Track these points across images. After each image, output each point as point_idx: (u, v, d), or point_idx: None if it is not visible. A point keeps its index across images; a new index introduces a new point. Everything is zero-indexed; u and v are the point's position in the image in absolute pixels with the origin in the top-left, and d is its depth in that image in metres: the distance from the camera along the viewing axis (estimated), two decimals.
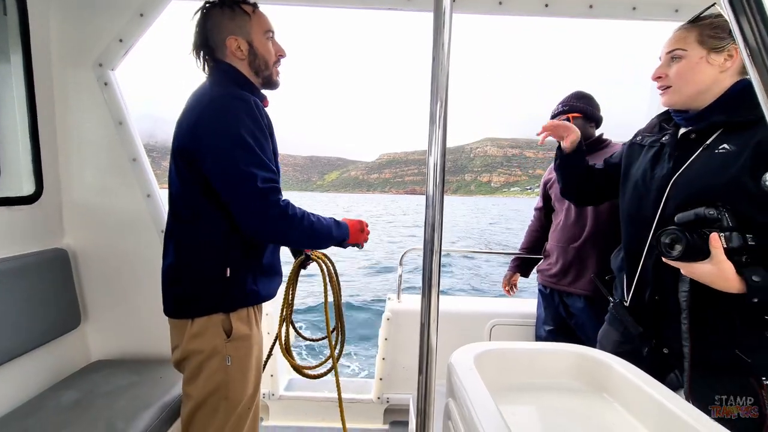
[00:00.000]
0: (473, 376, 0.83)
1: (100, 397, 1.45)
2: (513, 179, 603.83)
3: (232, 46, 1.17)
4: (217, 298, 1.14)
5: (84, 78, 1.71)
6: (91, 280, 1.81)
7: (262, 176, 1.06)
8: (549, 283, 1.89)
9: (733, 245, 0.91)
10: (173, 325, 1.20)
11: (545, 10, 1.76)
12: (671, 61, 1.10)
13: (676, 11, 1.75)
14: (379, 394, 2.22)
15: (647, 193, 1.14)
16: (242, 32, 1.17)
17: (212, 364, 1.13)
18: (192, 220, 1.15)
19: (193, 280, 1.14)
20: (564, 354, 0.99)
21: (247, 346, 1.18)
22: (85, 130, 1.75)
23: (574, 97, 1.82)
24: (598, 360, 0.95)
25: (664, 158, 1.13)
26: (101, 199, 1.79)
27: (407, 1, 1.68)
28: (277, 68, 1.26)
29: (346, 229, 1.28)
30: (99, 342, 1.84)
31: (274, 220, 1.08)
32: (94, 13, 1.68)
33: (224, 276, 1.14)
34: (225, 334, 1.14)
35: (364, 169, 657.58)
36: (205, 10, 1.18)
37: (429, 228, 0.68)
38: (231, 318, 1.15)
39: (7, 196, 1.52)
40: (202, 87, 1.17)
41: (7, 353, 1.41)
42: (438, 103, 0.64)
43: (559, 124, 1.42)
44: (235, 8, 1.17)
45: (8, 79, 1.57)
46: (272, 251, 1.29)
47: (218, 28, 1.17)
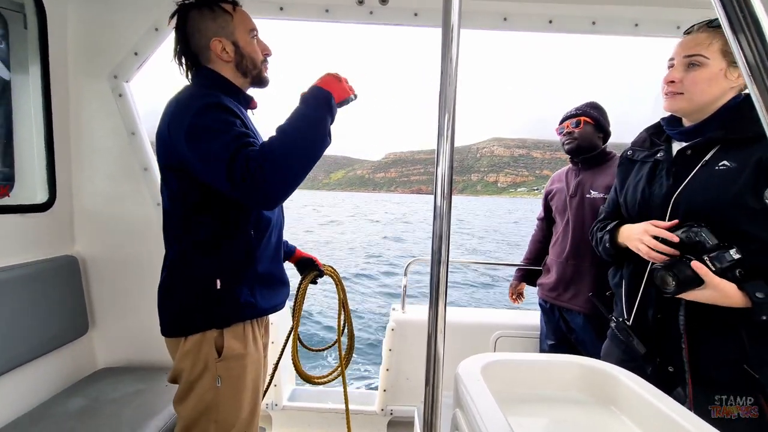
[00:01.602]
0: (481, 386, 0.84)
1: (106, 405, 1.46)
2: (520, 180, 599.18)
3: (217, 49, 1.10)
4: (208, 312, 1.06)
5: (99, 89, 1.76)
6: (100, 287, 1.83)
7: (228, 150, 0.93)
8: (549, 297, 1.88)
9: (721, 266, 0.92)
10: (167, 343, 1.13)
11: (549, 26, 1.79)
12: (689, 66, 1.03)
13: (678, 28, 1.78)
14: (383, 405, 2.20)
15: (648, 211, 1.12)
16: (226, 33, 1.10)
17: (202, 384, 1.06)
18: (179, 233, 1.10)
19: (183, 296, 1.08)
20: (571, 366, 1.00)
21: (240, 366, 1.10)
22: (98, 140, 1.80)
23: (589, 105, 1.83)
24: (606, 372, 0.95)
25: (662, 175, 1.11)
26: (112, 208, 1.82)
27: (415, 17, 1.72)
28: (266, 66, 1.20)
29: (320, 93, 1.04)
30: (105, 349, 1.85)
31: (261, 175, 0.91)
32: (111, 27, 1.74)
33: (214, 288, 1.06)
34: (216, 353, 1.06)
35: (369, 168, 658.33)
36: (183, 13, 1.11)
37: (437, 238, 0.68)
38: (225, 335, 1.07)
39: (22, 204, 1.55)
40: (175, 97, 1.09)
41: (17, 359, 1.42)
42: (446, 116, 0.65)
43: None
44: (215, 8, 1.10)
45: (26, 90, 1.62)
46: (272, 258, 1.20)
47: (200, 31, 1.10)
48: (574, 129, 1.79)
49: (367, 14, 1.74)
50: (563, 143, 1.84)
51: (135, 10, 1.72)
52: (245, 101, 1.19)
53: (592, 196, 1.73)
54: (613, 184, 1.67)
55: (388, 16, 1.74)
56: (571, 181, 1.84)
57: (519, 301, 2.28)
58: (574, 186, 1.80)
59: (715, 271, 0.93)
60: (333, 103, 1.04)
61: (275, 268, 1.23)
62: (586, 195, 1.75)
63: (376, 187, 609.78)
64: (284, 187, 0.96)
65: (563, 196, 1.85)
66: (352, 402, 2.26)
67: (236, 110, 1.04)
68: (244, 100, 1.19)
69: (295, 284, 1.45)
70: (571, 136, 1.79)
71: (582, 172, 1.82)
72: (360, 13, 1.73)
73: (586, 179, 1.78)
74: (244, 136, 0.97)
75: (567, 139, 1.81)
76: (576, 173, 1.84)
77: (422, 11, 1.73)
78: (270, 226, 1.19)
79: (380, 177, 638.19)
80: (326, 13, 1.73)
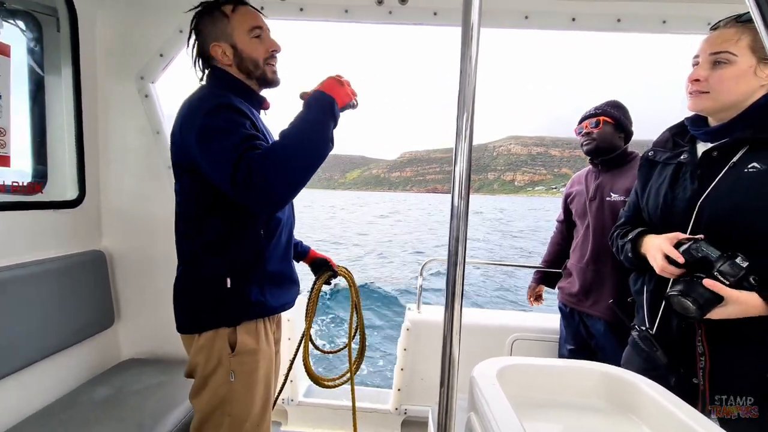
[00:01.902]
0: (496, 391, 0.83)
1: (130, 395, 1.51)
2: (538, 178, 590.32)
3: (217, 53, 1.12)
4: (218, 311, 1.09)
5: (126, 90, 1.82)
6: (125, 281, 1.90)
7: (235, 154, 0.92)
8: (569, 302, 1.84)
9: (735, 277, 0.90)
10: (183, 338, 1.17)
11: (572, 24, 1.76)
12: (715, 64, 0.99)
13: (709, 24, 1.71)
14: (397, 404, 2.21)
15: (671, 216, 1.08)
16: (224, 36, 1.11)
17: (216, 378, 1.09)
18: (190, 233, 1.12)
19: (195, 294, 1.11)
20: (590, 372, 0.98)
21: (253, 361, 1.12)
22: (125, 139, 1.86)
23: (610, 104, 1.77)
24: (626, 380, 0.93)
25: (685, 178, 1.06)
26: (137, 204, 1.88)
27: (435, 17, 1.71)
28: (272, 65, 1.17)
29: (323, 98, 1.02)
30: (130, 341, 1.92)
31: (262, 179, 0.91)
32: (138, 30, 1.79)
33: (224, 287, 1.08)
34: (230, 348, 1.09)
35: (385, 167, 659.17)
36: (196, 19, 1.14)
37: (453, 239, 0.68)
38: (237, 330, 1.10)
39: (54, 200, 1.62)
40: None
41: (49, 348, 1.49)
42: (465, 115, 0.65)
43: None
44: (215, 13, 1.11)
45: (59, 91, 1.69)
46: (281, 257, 1.21)
47: (203, 37, 1.13)
48: (593, 129, 1.73)
49: (386, 14, 1.74)
50: (582, 144, 1.79)
51: (160, 13, 1.77)
52: (257, 102, 1.20)
53: (612, 199, 1.68)
54: (633, 186, 1.62)
55: (408, 16, 1.74)
56: (590, 184, 1.79)
57: (538, 303, 2.25)
58: (594, 189, 1.75)
59: (730, 284, 0.90)
60: (336, 109, 1.03)
61: (285, 267, 1.24)
62: (606, 198, 1.70)
63: (391, 187, 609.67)
64: (285, 190, 0.96)
65: (583, 199, 1.80)
66: (367, 400, 2.28)
67: (247, 111, 1.05)
68: (256, 101, 1.19)
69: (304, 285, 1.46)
70: (590, 137, 1.74)
71: (602, 174, 1.76)
72: (379, 13, 1.74)
73: (606, 182, 1.73)
74: (252, 138, 0.97)
75: (586, 139, 1.76)
76: (596, 175, 1.79)
77: (441, 10, 1.72)
78: (280, 226, 1.20)
79: (396, 176, 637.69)
80: (345, 13, 1.74)
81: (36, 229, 1.52)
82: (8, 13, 1.54)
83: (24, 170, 1.62)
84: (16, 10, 1.58)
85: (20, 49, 1.60)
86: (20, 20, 1.60)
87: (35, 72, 1.66)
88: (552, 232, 2.15)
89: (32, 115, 1.65)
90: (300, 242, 1.53)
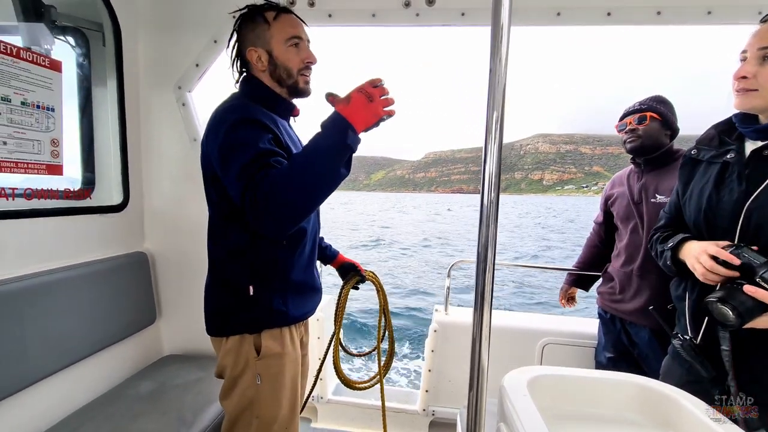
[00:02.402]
0: (527, 402, 0.82)
1: (171, 390, 1.60)
2: (567, 177, 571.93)
3: (253, 58, 1.13)
4: (241, 318, 1.11)
5: (165, 99, 1.91)
6: (166, 280, 2.00)
7: (252, 172, 0.92)
8: (610, 308, 1.76)
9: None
10: (212, 340, 1.20)
11: (608, 19, 1.69)
12: (764, 60, 0.94)
13: (760, 13, 1.60)
14: (425, 406, 2.21)
15: (715, 219, 1.03)
16: (262, 42, 1.12)
17: (244, 380, 1.12)
18: (217, 240, 1.15)
19: (219, 299, 1.15)
20: (626, 385, 0.95)
21: (279, 364, 1.14)
22: (165, 146, 1.95)
23: (655, 99, 1.67)
24: (664, 394, 0.90)
25: (732, 179, 1.01)
26: (176, 208, 1.98)
27: (462, 17, 1.69)
28: (306, 76, 1.17)
29: (340, 123, 0.93)
30: (171, 337, 2.02)
31: (268, 200, 0.89)
32: (176, 41, 1.88)
33: (247, 295, 1.10)
34: (255, 352, 1.11)
35: (409, 168, 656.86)
36: (238, 23, 1.16)
37: (483, 241, 0.67)
38: (262, 336, 1.12)
39: (101, 205, 1.73)
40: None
41: (98, 344, 1.60)
42: (495, 113, 0.64)
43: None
44: (256, 18, 1.12)
45: (105, 102, 1.79)
46: (305, 267, 1.22)
47: (242, 41, 1.16)
48: (637, 126, 1.64)
49: (413, 16, 1.74)
50: (625, 141, 1.69)
51: (196, 24, 1.85)
52: (287, 110, 1.20)
53: (657, 200, 1.59)
54: (675, 186, 1.54)
55: (435, 17, 1.73)
56: (634, 185, 1.70)
57: (570, 305, 2.19)
58: (638, 190, 1.67)
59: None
60: (352, 137, 0.93)
61: (308, 276, 1.24)
62: (651, 200, 1.61)
63: (416, 187, 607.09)
64: (285, 220, 0.93)
65: (626, 201, 1.72)
66: (395, 400, 2.30)
67: (271, 125, 1.04)
68: (286, 109, 1.20)
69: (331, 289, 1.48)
70: (635, 134, 1.64)
71: (645, 174, 1.67)
72: (407, 15, 1.73)
73: (650, 182, 1.64)
74: (266, 155, 0.94)
75: (630, 137, 1.66)
76: (639, 176, 1.70)
77: (469, 11, 1.69)
78: (305, 236, 1.20)
79: (420, 177, 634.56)
80: (373, 17, 1.75)
81: (85, 233, 1.63)
82: (59, 30, 1.65)
83: (75, 177, 1.74)
84: (66, 27, 1.68)
85: (70, 64, 1.72)
86: (70, 36, 1.71)
87: (84, 84, 1.77)
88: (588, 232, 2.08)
89: (81, 126, 1.76)
90: (329, 246, 1.55)
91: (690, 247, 1.06)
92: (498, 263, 0.78)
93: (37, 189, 1.45)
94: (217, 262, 1.17)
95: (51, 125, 1.46)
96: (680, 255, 1.10)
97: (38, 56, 1.41)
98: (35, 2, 1.53)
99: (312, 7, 1.76)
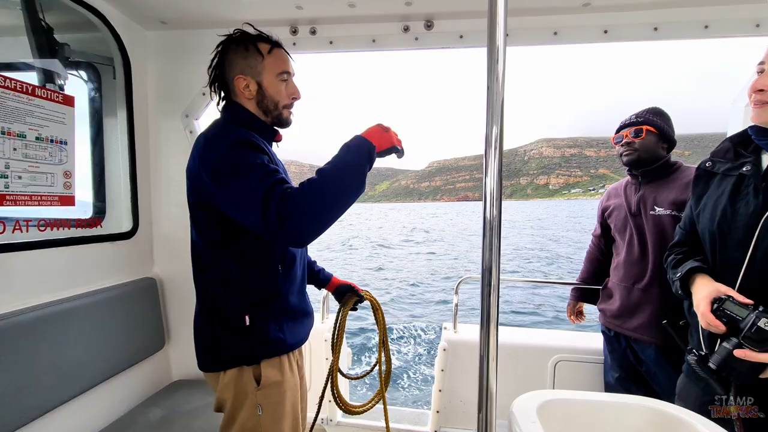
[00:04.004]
0: (536, 430, 0.81)
1: (180, 416, 1.60)
2: (573, 180, 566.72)
3: (240, 86, 1.14)
4: (239, 350, 1.09)
5: (173, 127, 1.96)
6: (174, 305, 2.02)
7: (260, 189, 0.94)
8: (613, 325, 1.72)
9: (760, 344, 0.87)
10: (207, 376, 1.17)
11: (605, 36, 1.71)
12: None
13: (758, 26, 1.62)
14: (436, 427, 2.17)
15: (729, 233, 1.02)
16: (252, 72, 1.14)
17: (244, 412, 1.09)
18: (208, 270, 1.11)
19: (214, 332, 1.11)
20: (638, 409, 0.93)
21: (279, 393, 1.12)
22: (173, 173, 2.00)
23: (651, 111, 1.67)
24: (679, 419, 0.88)
25: (749, 192, 1.00)
26: (184, 233, 2.00)
27: (461, 39, 1.73)
28: (289, 109, 1.21)
29: (363, 143, 1.04)
30: (179, 363, 2.02)
31: (295, 212, 0.92)
32: (182, 71, 1.94)
33: (243, 325, 1.08)
34: (255, 382, 1.10)
35: (414, 177, 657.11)
36: (223, 46, 1.16)
37: (487, 257, 0.66)
38: (261, 365, 1.11)
39: (111, 233, 1.76)
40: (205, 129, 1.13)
41: (107, 371, 1.61)
42: (494, 129, 0.65)
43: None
44: (250, 47, 1.13)
45: (115, 132, 1.85)
46: (298, 292, 1.22)
47: (229, 65, 1.15)
48: (634, 139, 1.63)
49: (412, 40, 1.78)
50: (621, 154, 1.69)
51: (202, 54, 1.91)
52: (271, 135, 1.21)
53: (656, 212, 1.57)
54: (679, 199, 1.52)
55: (434, 41, 1.77)
56: (631, 197, 1.69)
57: (580, 320, 2.15)
58: (636, 202, 1.65)
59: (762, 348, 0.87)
60: (373, 154, 1.04)
61: (301, 300, 1.24)
62: (650, 212, 1.59)
63: (421, 197, 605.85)
64: (318, 227, 0.96)
65: (623, 214, 1.71)
66: (405, 421, 2.26)
67: (263, 146, 1.06)
68: (270, 134, 1.21)
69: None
70: (631, 147, 1.64)
71: (643, 186, 1.66)
72: (406, 40, 1.78)
73: (649, 194, 1.62)
74: (275, 173, 0.98)
75: (626, 150, 1.65)
76: (636, 188, 1.69)
77: (467, 33, 1.73)
78: (296, 260, 1.20)
79: (425, 186, 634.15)
80: (373, 42, 1.80)
81: (96, 261, 1.66)
82: (72, 65, 1.72)
83: (86, 206, 1.78)
84: (79, 62, 1.75)
85: (83, 97, 1.78)
86: (83, 71, 1.78)
87: (96, 116, 1.83)
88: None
89: (93, 156, 1.81)
90: (322, 269, 1.54)
91: (696, 288, 1.07)
92: (504, 279, 0.76)
93: (49, 219, 1.49)
94: (207, 292, 1.13)
95: (64, 158, 1.51)
96: (690, 287, 1.10)
97: (52, 92, 1.47)
98: (50, 40, 1.60)
99: (314, 35, 1.81)
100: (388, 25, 1.78)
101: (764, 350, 0.86)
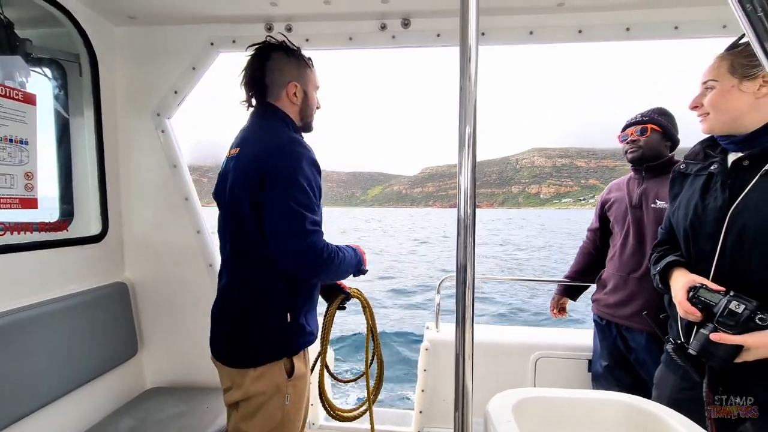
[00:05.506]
0: (511, 429, 0.80)
1: (153, 426, 1.54)
2: (564, 190, 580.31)
3: (291, 91, 1.25)
4: (281, 345, 1.17)
5: (144, 126, 1.89)
6: (147, 310, 1.95)
7: (311, 219, 1.10)
8: (605, 314, 1.77)
9: (735, 326, 0.91)
10: (229, 371, 1.18)
11: (579, 36, 1.73)
12: (706, 90, 1.11)
13: (725, 27, 1.66)
14: (419, 427, 2.16)
15: (701, 226, 1.08)
16: (302, 81, 1.27)
17: (273, 403, 1.16)
18: (256, 267, 1.16)
19: (264, 328, 1.16)
20: (613, 404, 0.93)
21: (303, 384, 1.23)
22: (144, 173, 1.93)
23: (656, 111, 1.72)
24: (652, 413, 0.88)
25: (716, 188, 1.07)
26: (156, 236, 1.95)
27: (438, 38, 1.72)
28: (313, 117, 1.36)
29: (361, 256, 1.32)
30: (153, 369, 1.96)
31: (315, 261, 1.10)
32: (153, 69, 1.88)
33: (285, 322, 1.17)
34: (287, 374, 1.17)
35: (406, 183, 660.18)
36: (267, 51, 1.24)
37: (461, 256, 0.66)
38: (293, 358, 1.19)
39: (79, 237, 1.69)
40: (261, 128, 1.21)
41: (77, 380, 1.54)
42: (467, 128, 0.65)
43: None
44: (300, 58, 1.28)
45: (82, 132, 1.77)
46: (317, 287, 1.32)
47: (281, 71, 1.24)
48: (639, 137, 1.69)
49: (389, 39, 1.77)
50: (626, 151, 1.75)
51: (174, 51, 1.85)
52: None
53: (657, 205, 1.62)
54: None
55: (411, 39, 1.76)
56: (633, 191, 1.73)
57: (562, 315, 2.18)
58: (638, 195, 1.70)
59: (736, 331, 0.91)
60: (362, 266, 1.35)
61: (317, 294, 1.35)
62: (651, 205, 1.64)
63: (413, 202, 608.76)
64: (310, 276, 1.19)
65: (624, 206, 1.75)
66: (389, 422, 2.25)
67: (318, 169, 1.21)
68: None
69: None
70: (636, 144, 1.70)
71: (646, 180, 1.70)
72: (383, 38, 1.76)
73: (651, 188, 1.67)
74: (319, 219, 1.14)
75: (631, 147, 1.72)
76: (639, 182, 1.73)
77: (444, 32, 1.73)
78: None
79: (417, 192, 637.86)
80: (350, 41, 1.77)
81: (63, 266, 1.59)
82: (36, 61, 1.64)
83: (52, 209, 1.70)
84: (43, 59, 1.68)
85: (47, 95, 1.70)
86: (47, 68, 1.70)
87: (61, 115, 1.75)
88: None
89: (59, 156, 1.74)
90: None
91: (675, 281, 1.13)
92: (480, 277, 0.76)
93: (9, 223, 1.42)
94: (249, 289, 1.18)
95: (25, 158, 1.43)
96: (669, 280, 1.16)
97: (11, 90, 1.39)
98: (10, 36, 1.52)
99: (289, 32, 1.78)
100: (364, 23, 1.76)
101: (737, 332, 0.91)
